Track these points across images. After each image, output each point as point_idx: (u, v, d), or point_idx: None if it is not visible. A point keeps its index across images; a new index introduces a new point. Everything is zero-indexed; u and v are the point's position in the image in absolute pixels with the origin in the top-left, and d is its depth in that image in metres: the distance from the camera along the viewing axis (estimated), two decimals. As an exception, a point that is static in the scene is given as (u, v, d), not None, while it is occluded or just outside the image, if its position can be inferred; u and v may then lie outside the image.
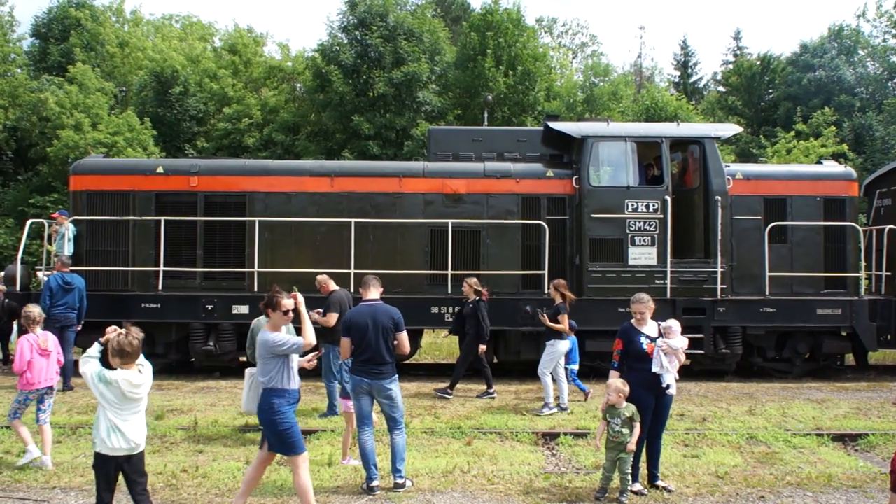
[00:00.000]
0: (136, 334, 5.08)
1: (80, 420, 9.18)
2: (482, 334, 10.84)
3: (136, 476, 5.06)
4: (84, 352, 5.37)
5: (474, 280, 11.01)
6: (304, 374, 11.87)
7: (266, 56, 35.72)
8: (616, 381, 6.58)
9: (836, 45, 33.83)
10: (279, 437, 5.71)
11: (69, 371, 11.17)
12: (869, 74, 34.01)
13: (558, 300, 10.25)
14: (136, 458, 5.05)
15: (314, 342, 5.82)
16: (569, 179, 12.64)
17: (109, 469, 5.02)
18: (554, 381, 10.19)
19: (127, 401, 4.98)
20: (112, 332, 5.13)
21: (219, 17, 77.70)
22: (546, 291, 12.23)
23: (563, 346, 10.20)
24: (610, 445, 6.53)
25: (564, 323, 10.10)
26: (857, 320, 12.32)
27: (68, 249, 12.21)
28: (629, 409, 6.48)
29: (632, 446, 6.43)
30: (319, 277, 10.21)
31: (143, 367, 5.15)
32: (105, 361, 5.12)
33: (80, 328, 11.42)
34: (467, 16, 37.90)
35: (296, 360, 5.89)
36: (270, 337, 5.71)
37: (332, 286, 10.01)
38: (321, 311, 9.71)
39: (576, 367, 10.93)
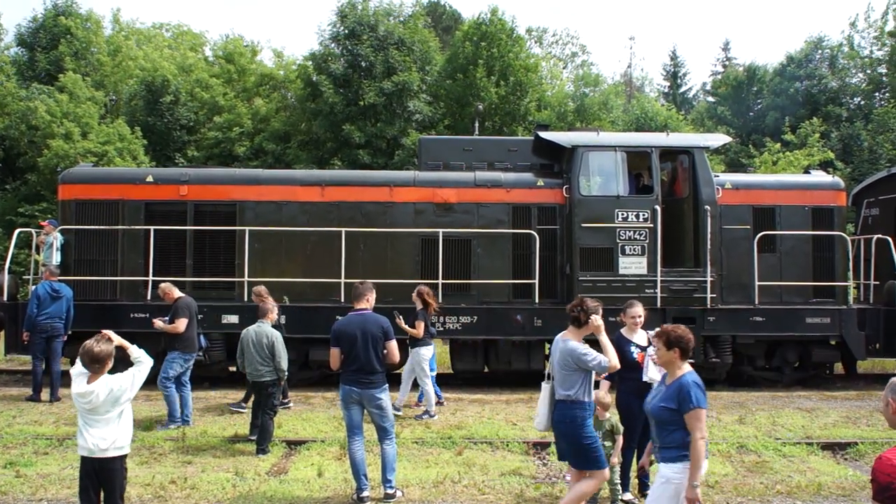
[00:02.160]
0: (99, 346, 4.94)
1: (67, 431, 9.09)
2: None
3: (106, 486, 5.03)
4: (73, 362, 5.33)
5: (260, 288, 10.61)
6: (293, 383, 11.84)
7: (259, 63, 35.71)
8: (597, 392, 6.56)
9: (818, 55, 34.19)
10: (583, 451, 5.57)
11: (57, 382, 11.08)
12: (854, 85, 34.34)
13: (419, 306, 10.27)
14: (102, 463, 4.99)
15: (618, 365, 5.72)
16: (559, 189, 12.68)
17: (84, 472, 5.04)
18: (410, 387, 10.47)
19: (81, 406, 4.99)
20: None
21: (209, 26, 77.86)
22: (536, 301, 12.26)
23: (427, 351, 10.28)
24: (596, 456, 6.53)
25: (419, 329, 10.14)
26: (845, 329, 12.38)
27: (56, 259, 12.14)
28: (609, 423, 6.49)
29: (614, 459, 6.42)
30: (162, 286, 10.20)
31: (103, 380, 4.95)
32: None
33: (65, 338, 11.33)
34: (458, 26, 38.03)
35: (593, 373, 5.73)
36: (580, 349, 5.57)
37: (177, 293, 9.96)
38: (166, 318, 9.71)
39: (433, 373, 10.95)
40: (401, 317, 10.32)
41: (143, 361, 5.17)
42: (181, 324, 9.54)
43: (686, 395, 4.62)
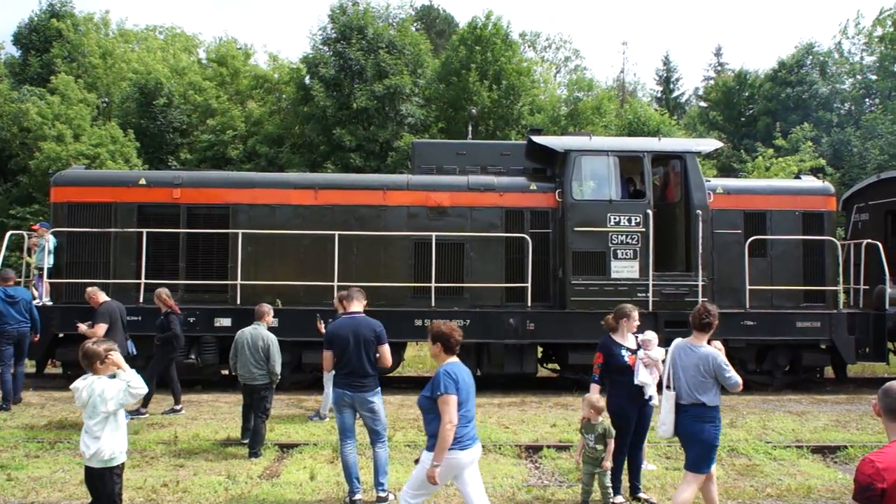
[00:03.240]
0: (92, 345, 5.06)
1: (58, 434, 9.07)
2: (174, 347, 10.46)
3: (93, 493, 5.04)
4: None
5: (162, 290, 10.53)
6: (285, 386, 11.82)
7: (253, 66, 35.69)
8: (590, 396, 6.60)
9: (808, 61, 34.44)
10: (706, 451, 5.66)
11: (20, 384, 10.98)
12: (845, 91, 34.59)
13: (340, 311, 10.23)
14: (89, 471, 5.03)
15: (741, 386, 5.75)
16: (552, 193, 12.74)
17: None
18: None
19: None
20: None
21: (203, 28, 77.63)
22: (529, 305, 12.29)
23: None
24: (587, 460, 6.56)
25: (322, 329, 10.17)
26: (835, 333, 12.47)
27: (49, 261, 12.10)
28: (602, 426, 6.50)
29: (607, 463, 6.43)
30: (88, 290, 10.14)
31: (89, 381, 4.97)
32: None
33: (37, 338, 11.17)
34: (451, 29, 38.12)
35: None
36: (720, 359, 5.69)
37: (102, 297, 9.87)
38: (91, 322, 9.65)
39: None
40: (322, 321, 10.36)
41: (132, 386, 4.99)
42: (100, 329, 9.42)
43: (437, 383, 4.97)
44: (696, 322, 5.88)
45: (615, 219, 12.39)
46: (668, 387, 5.90)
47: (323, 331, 10.10)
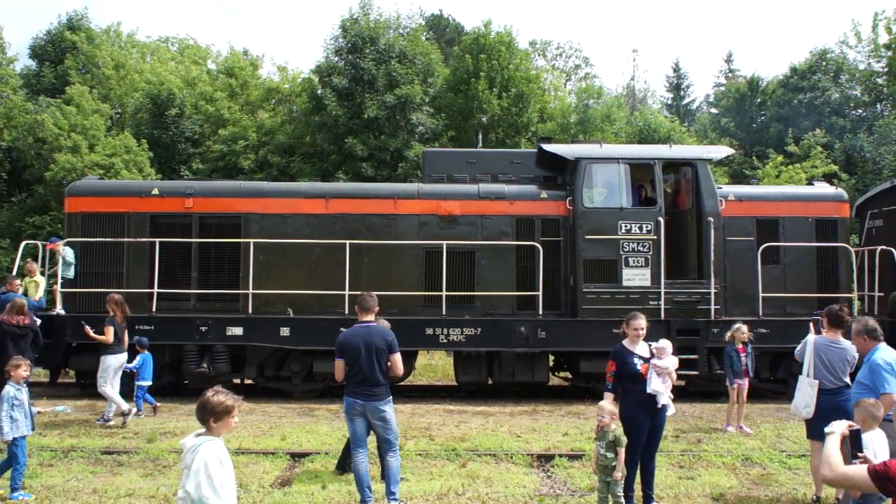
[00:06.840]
0: (217, 397, 4.28)
1: (71, 443, 9.11)
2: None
3: None
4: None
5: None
6: (294, 395, 11.81)
7: (263, 78, 35.94)
8: (603, 403, 6.54)
9: (821, 66, 34.23)
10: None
11: None
12: (856, 97, 34.35)
13: (111, 314, 10.28)
14: None
15: None
16: (563, 201, 12.72)
17: None
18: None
19: None
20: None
21: (215, 39, 78.22)
22: (540, 313, 12.27)
23: (114, 359, 10.18)
24: (599, 468, 6.51)
25: (109, 335, 10.11)
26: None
27: (71, 272, 12.19)
28: (612, 434, 6.44)
29: (617, 474, 6.35)
30: None
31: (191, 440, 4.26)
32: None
33: None
34: (461, 38, 38.23)
35: None
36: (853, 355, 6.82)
37: None
38: None
39: (148, 382, 10.97)
40: (87, 326, 10.37)
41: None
42: None
43: None
44: (835, 319, 6.97)
45: (626, 226, 12.36)
46: (808, 374, 6.90)
47: (92, 334, 10.22)
